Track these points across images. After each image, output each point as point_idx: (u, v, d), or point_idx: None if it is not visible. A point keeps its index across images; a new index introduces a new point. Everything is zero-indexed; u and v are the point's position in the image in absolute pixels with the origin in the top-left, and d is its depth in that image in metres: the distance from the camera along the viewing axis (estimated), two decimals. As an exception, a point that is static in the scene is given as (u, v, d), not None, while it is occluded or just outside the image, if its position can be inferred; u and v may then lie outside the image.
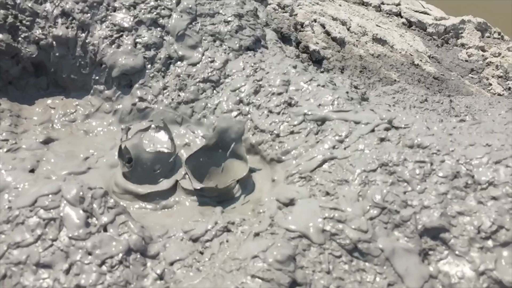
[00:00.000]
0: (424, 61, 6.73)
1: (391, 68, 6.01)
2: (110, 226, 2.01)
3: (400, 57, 6.38)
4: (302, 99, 2.72)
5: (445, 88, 6.40)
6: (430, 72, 6.47)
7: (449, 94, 6.17)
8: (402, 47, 6.65)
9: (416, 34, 7.65)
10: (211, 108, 2.81)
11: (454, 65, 7.26)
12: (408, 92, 5.02)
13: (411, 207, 2.08)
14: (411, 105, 4.39)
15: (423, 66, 6.52)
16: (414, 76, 6.14)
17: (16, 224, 1.94)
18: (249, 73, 2.90)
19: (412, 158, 2.23)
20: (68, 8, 2.91)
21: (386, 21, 7.71)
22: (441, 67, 6.97)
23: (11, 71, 2.84)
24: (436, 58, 7.15)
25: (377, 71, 5.75)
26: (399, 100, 4.77)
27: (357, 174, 2.22)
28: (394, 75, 5.89)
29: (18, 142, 2.55)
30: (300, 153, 2.47)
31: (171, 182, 2.46)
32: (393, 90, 5.06)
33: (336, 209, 2.08)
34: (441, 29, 8.08)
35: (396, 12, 8.10)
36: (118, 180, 2.43)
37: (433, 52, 7.29)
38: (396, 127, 2.45)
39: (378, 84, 5.58)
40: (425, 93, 5.18)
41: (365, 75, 5.59)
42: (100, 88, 2.90)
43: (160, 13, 2.99)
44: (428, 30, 7.97)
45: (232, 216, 2.19)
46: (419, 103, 4.83)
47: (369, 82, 5.53)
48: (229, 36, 3.04)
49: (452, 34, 8.21)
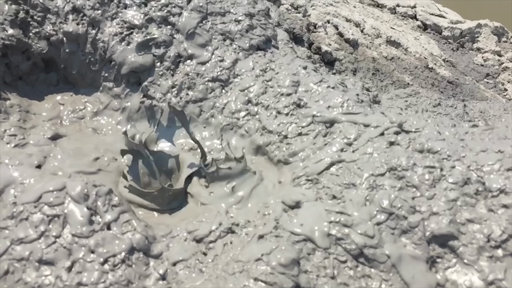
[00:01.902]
0: (438, 64, 6.65)
1: (405, 71, 5.94)
2: (113, 224, 1.99)
3: (414, 60, 6.30)
4: (311, 100, 2.69)
5: (460, 92, 6.31)
6: (445, 76, 6.38)
7: (463, 98, 6.08)
8: (417, 50, 6.57)
9: (431, 37, 7.56)
10: (220, 107, 2.79)
11: (469, 69, 7.16)
12: (421, 95, 4.96)
13: (420, 213, 2.04)
14: (423, 109, 4.33)
15: (438, 70, 6.43)
16: (428, 79, 6.06)
17: (20, 220, 1.94)
18: (259, 73, 2.88)
19: (421, 163, 2.19)
20: (79, 4, 2.91)
21: (401, 23, 7.63)
22: (456, 71, 6.87)
23: (21, 66, 2.85)
24: (451, 62, 7.06)
25: (390, 74, 5.68)
26: (411, 103, 4.70)
27: (365, 178, 2.18)
28: (408, 78, 5.82)
29: (26, 137, 2.55)
30: (308, 155, 2.43)
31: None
32: (406, 93, 5.00)
33: (342, 213, 2.05)
34: (457, 33, 7.98)
35: (411, 15, 8.02)
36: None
37: (448, 56, 7.20)
38: (406, 131, 2.41)
39: (391, 87, 5.51)
40: (439, 97, 5.10)
41: (377, 77, 5.53)
42: (109, 85, 2.90)
43: (171, 11, 2.97)
44: (443, 34, 7.88)
45: (237, 217, 2.16)
46: (432, 107, 4.76)
47: (381, 85, 5.47)
48: (239, 35, 3.01)
49: (468, 38, 8.10)
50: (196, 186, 2.42)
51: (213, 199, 2.36)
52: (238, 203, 2.31)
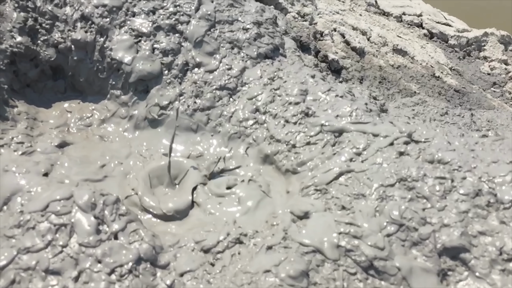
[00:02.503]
0: (445, 73, 6.62)
1: (411, 80, 5.92)
2: (121, 234, 1.98)
3: (420, 68, 6.28)
4: (319, 109, 2.67)
5: (466, 101, 6.27)
6: (451, 85, 6.35)
7: (470, 107, 6.04)
8: (423, 58, 6.55)
9: (437, 46, 7.54)
10: (227, 116, 2.77)
11: (476, 78, 7.13)
12: (428, 104, 4.94)
13: (430, 225, 2.01)
14: (431, 118, 4.31)
15: (444, 79, 6.41)
16: (435, 88, 6.03)
17: (27, 229, 1.92)
18: (266, 82, 2.86)
19: (432, 174, 2.16)
20: (88, 12, 2.91)
21: (407, 32, 7.62)
22: (463, 80, 6.85)
23: (29, 73, 2.85)
24: (457, 71, 7.03)
25: (397, 82, 5.66)
26: (418, 112, 4.68)
27: (375, 189, 2.16)
28: (414, 86, 5.79)
29: (33, 145, 2.54)
30: (316, 165, 2.41)
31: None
32: (413, 102, 4.98)
33: (352, 224, 2.02)
34: (463, 41, 7.97)
35: (418, 23, 8.01)
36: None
37: (454, 65, 7.18)
38: (416, 141, 2.38)
39: (398, 95, 5.49)
40: (446, 106, 5.08)
41: (384, 86, 5.51)
42: (116, 93, 2.89)
43: (179, 19, 2.97)
44: (450, 42, 7.86)
45: (245, 227, 2.14)
46: (439, 116, 4.74)
47: (388, 93, 5.45)
48: (247, 44, 3.00)
49: (474, 46, 8.08)
50: (203, 195, 2.40)
51: (220, 209, 2.34)
52: (246, 213, 2.29)
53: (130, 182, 2.47)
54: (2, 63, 2.70)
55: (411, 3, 8.49)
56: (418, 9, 8.34)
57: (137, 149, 2.70)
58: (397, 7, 8.21)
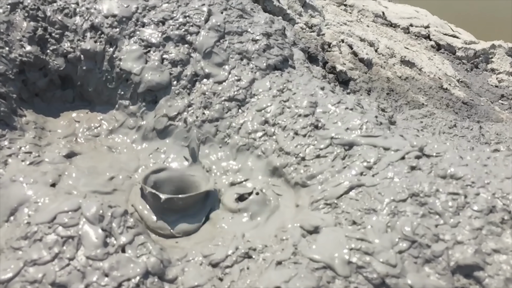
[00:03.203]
0: (453, 85, 6.59)
1: (419, 92, 5.90)
2: (128, 247, 1.95)
3: (428, 80, 6.25)
4: (329, 122, 2.65)
5: (474, 113, 6.24)
6: (459, 97, 6.32)
7: (478, 120, 6.01)
8: (431, 70, 6.53)
9: (445, 58, 7.52)
10: (236, 127, 2.75)
11: (483, 90, 7.10)
12: (436, 116, 4.90)
13: (443, 242, 1.97)
14: (440, 130, 4.27)
15: (452, 91, 6.38)
16: (443, 100, 6.00)
17: (34, 241, 1.90)
18: (276, 93, 2.84)
19: (444, 189, 2.13)
20: (98, 22, 2.91)
21: (415, 43, 7.61)
22: (470, 92, 6.81)
23: (38, 83, 2.84)
24: (465, 83, 7.00)
25: (405, 94, 5.64)
26: (427, 124, 4.65)
27: (386, 204, 2.13)
28: (422, 98, 5.77)
29: (41, 155, 2.53)
30: (326, 178, 2.38)
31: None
32: (421, 114, 4.95)
33: (363, 240, 1.99)
34: (471, 53, 7.94)
35: (425, 35, 8.00)
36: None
37: (462, 77, 7.15)
38: (427, 155, 2.35)
39: (405, 107, 5.46)
40: (454, 118, 5.05)
41: (392, 97, 5.49)
42: (125, 103, 2.88)
43: (188, 30, 2.96)
44: (457, 54, 7.84)
45: (254, 241, 2.10)
46: (447, 128, 4.70)
47: (396, 105, 5.42)
48: (256, 55, 2.99)
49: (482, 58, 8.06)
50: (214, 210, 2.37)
51: (228, 222, 2.31)
52: (255, 227, 2.26)
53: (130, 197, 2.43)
54: (11, 72, 2.70)
55: (418, 15, 8.49)
56: (426, 21, 8.33)
57: (145, 162, 2.67)
58: (404, 19, 8.20)
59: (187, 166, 2.58)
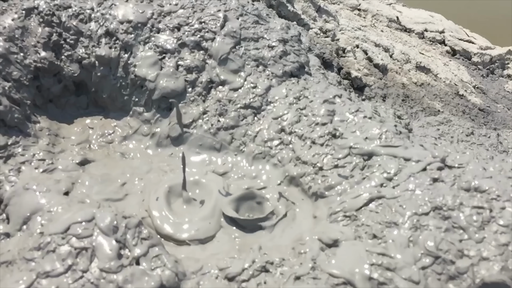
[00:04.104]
0: (469, 91, 6.49)
1: (435, 98, 5.81)
2: (143, 259, 1.90)
3: (444, 86, 6.16)
4: (347, 130, 2.58)
5: (491, 120, 6.13)
6: (476, 103, 6.22)
7: (495, 127, 5.90)
8: (446, 76, 6.44)
9: (460, 63, 7.42)
10: (252, 135, 2.70)
11: (500, 96, 6.98)
12: (453, 124, 4.81)
13: (468, 258, 1.90)
14: (458, 138, 4.18)
15: (468, 97, 6.28)
16: (459, 107, 5.90)
17: (47, 252, 1.86)
18: (292, 101, 2.79)
19: (469, 203, 2.06)
20: (113, 28, 2.88)
21: (429, 48, 7.52)
22: (487, 99, 6.70)
23: (52, 89, 2.82)
24: (481, 89, 6.89)
25: (420, 101, 5.56)
26: (444, 132, 4.56)
27: (408, 217, 2.06)
28: (438, 105, 5.68)
29: (54, 162, 2.50)
30: (345, 189, 2.32)
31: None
32: (438, 121, 4.86)
33: (384, 255, 1.92)
34: (487, 59, 7.83)
35: (440, 40, 7.90)
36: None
37: (478, 83, 7.04)
38: (449, 166, 2.28)
39: (421, 114, 5.38)
40: (471, 125, 4.95)
41: (407, 104, 5.41)
42: (139, 110, 2.84)
43: (204, 36, 2.92)
44: (473, 60, 7.73)
45: (271, 254, 2.04)
46: (465, 136, 4.62)
47: (411, 112, 5.34)
48: (272, 62, 2.94)
49: (498, 64, 7.94)
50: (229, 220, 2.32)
51: (245, 233, 2.26)
52: (272, 239, 2.20)
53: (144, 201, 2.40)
54: (25, 78, 2.68)
55: (433, 19, 8.39)
56: (440, 26, 8.23)
57: (158, 165, 2.64)
58: (418, 24, 8.11)
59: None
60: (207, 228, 2.26)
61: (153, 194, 2.40)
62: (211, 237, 2.25)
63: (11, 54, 2.66)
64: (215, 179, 2.51)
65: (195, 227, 2.26)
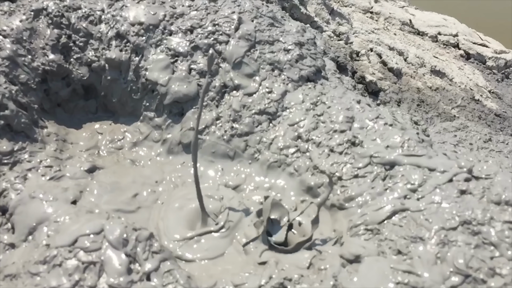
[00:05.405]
0: (484, 96, 6.34)
1: (450, 103, 5.67)
2: (154, 275, 1.79)
3: (459, 91, 6.02)
4: (367, 138, 2.47)
5: (508, 126, 5.97)
6: (491, 109, 6.07)
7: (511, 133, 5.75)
8: (462, 80, 6.29)
9: (475, 67, 7.27)
10: (267, 142, 2.59)
11: (516, 102, 6.82)
12: (470, 130, 4.67)
13: (501, 277, 1.78)
14: (478, 146, 4.05)
15: (484, 102, 6.13)
16: (475, 112, 5.76)
17: (53, 266, 1.76)
18: (309, 107, 2.68)
19: (499, 218, 1.93)
20: (123, 30, 2.78)
21: (443, 52, 7.37)
22: (503, 104, 6.55)
23: (60, 92, 2.73)
24: (496, 94, 6.74)
25: (436, 106, 5.42)
26: (461, 138, 4.43)
27: (434, 232, 1.93)
28: (454, 110, 5.53)
29: (62, 169, 2.41)
30: (366, 201, 2.20)
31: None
32: (454, 127, 4.72)
33: (410, 273, 1.81)
34: (502, 63, 7.67)
35: (454, 43, 7.75)
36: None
37: (493, 87, 6.89)
38: (476, 177, 2.15)
39: (437, 119, 5.24)
40: (488, 131, 4.81)
41: (422, 109, 5.28)
42: (150, 115, 2.74)
43: (218, 39, 2.82)
44: (487, 64, 7.57)
45: (289, 270, 1.93)
46: (482, 142, 4.48)
47: (427, 117, 5.20)
48: (288, 66, 2.83)
49: (513, 68, 7.77)
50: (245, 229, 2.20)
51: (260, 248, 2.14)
52: (289, 253, 2.08)
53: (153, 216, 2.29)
54: (33, 81, 2.59)
55: (446, 23, 8.24)
56: (454, 29, 8.08)
57: (170, 176, 2.53)
58: (432, 27, 7.97)
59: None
60: (218, 247, 2.16)
61: (164, 213, 2.28)
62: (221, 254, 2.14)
63: (19, 57, 2.57)
64: (229, 194, 2.39)
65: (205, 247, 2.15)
